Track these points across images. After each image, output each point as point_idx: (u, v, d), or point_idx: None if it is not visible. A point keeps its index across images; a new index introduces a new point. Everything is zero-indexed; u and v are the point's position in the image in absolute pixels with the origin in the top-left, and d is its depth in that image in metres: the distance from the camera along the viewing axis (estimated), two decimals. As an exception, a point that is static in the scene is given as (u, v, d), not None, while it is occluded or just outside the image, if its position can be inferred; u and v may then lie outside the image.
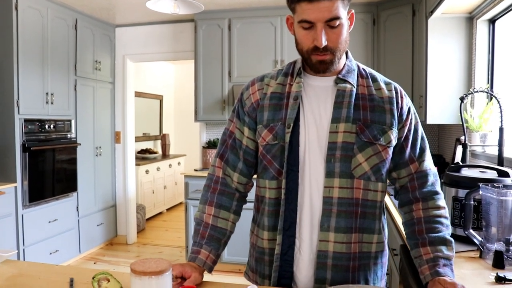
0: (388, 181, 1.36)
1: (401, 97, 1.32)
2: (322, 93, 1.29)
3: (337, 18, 1.17)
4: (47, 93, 4.06)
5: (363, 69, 1.35)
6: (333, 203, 1.23)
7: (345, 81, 1.28)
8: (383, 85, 1.32)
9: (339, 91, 1.27)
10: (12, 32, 3.64)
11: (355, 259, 1.26)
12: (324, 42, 1.19)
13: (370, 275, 1.30)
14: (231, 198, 1.38)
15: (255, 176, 1.42)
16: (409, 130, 1.32)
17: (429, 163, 1.35)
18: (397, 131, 1.29)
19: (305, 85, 1.31)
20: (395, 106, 1.29)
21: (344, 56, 1.31)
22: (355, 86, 1.28)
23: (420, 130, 1.36)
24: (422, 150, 1.35)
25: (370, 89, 1.30)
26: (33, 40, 3.88)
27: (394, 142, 1.29)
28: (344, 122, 1.24)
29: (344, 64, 1.32)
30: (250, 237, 1.42)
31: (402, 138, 1.31)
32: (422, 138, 1.36)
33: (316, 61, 1.24)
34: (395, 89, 1.33)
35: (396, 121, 1.29)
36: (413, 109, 1.35)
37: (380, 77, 1.35)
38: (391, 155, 1.30)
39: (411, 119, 1.33)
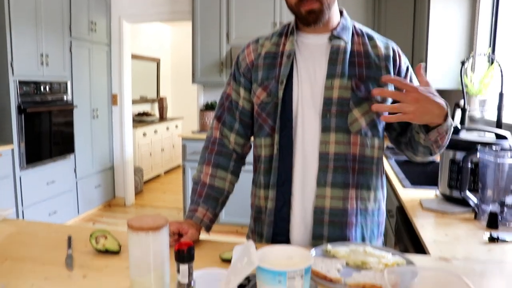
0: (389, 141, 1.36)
1: (399, 56, 1.31)
2: (316, 50, 1.28)
3: None
4: (41, 55, 4.00)
5: (359, 28, 1.33)
6: (329, 158, 1.24)
7: (339, 38, 1.27)
8: (379, 43, 1.30)
9: (334, 48, 1.26)
10: (4, -10, 3.55)
11: (351, 215, 1.27)
12: None
13: (366, 232, 1.31)
14: (228, 158, 1.39)
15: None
16: None
17: None
18: (393, 88, 1.27)
19: (299, 43, 1.30)
20: (392, 64, 1.28)
21: (338, 14, 1.31)
22: (349, 43, 1.27)
23: None
24: None
25: (366, 47, 1.28)
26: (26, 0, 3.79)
27: (390, 99, 1.27)
28: (339, 78, 1.23)
29: (339, 22, 1.30)
30: (251, 199, 1.43)
31: None
32: None
33: (305, 12, 1.21)
34: (392, 48, 1.31)
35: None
36: (410, 68, 1.34)
37: (377, 36, 1.34)
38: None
39: (410, 79, 1.32)
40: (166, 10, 4.94)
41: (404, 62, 1.32)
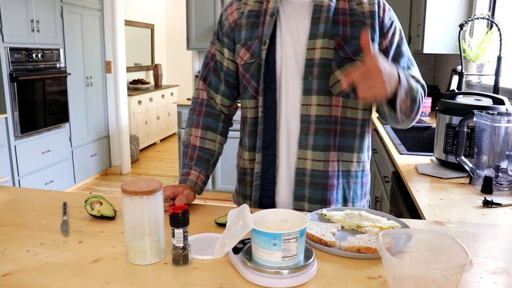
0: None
1: (384, 10, 1.25)
2: (299, 9, 1.24)
3: None
4: (32, 20, 3.91)
5: None
6: (310, 121, 1.22)
7: None
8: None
9: (316, 6, 1.22)
10: (-9, -47, 3.44)
11: (333, 177, 1.26)
12: None
13: (349, 193, 1.30)
14: (217, 119, 1.38)
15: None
16: (390, 44, 1.25)
17: (416, 77, 1.27)
18: (377, 46, 1.23)
19: (283, 1, 1.26)
20: (377, 20, 1.23)
21: None
22: (333, 1, 1.23)
23: (405, 47, 1.29)
24: (407, 67, 1.28)
25: (351, 4, 1.23)
26: (14, -38, 3.67)
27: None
28: (321, 38, 1.19)
29: None
30: (236, 159, 1.43)
31: (382, 52, 1.24)
32: (407, 55, 1.29)
33: None
34: (378, 2, 1.25)
35: (378, 35, 1.23)
36: (397, 25, 1.28)
37: None
38: None
39: (393, 34, 1.26)
40: (159, -26, 4.81)
41: (389, 17, 1.25)
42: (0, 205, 1.26)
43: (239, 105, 1.40)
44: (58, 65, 4.30)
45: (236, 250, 0.87)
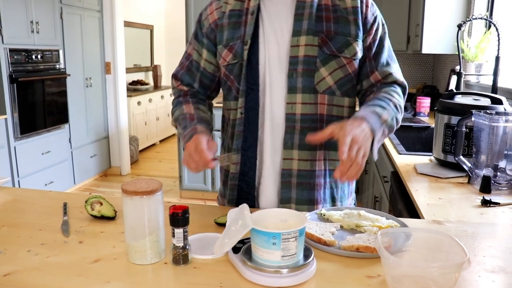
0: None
1: (366, 6, 1.22)
2: (282, 5, 1.21)
3: None
4: (31, 22, 3.91)
5: None
6: (296, 119, 1.20)
7: None
8: None
9: (299, 2, 1.19)
10: (-10, -46, 3.44)
11: (320, 176, 1.24)
12: None
13: (337, 192, 1.29)
14: (203, 100, 1.36)
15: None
16: (373, 40, 1.24)
17: (395, 75, 1.27)
18: (361, 42, 1.22)
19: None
20: (360, 16, 1.21)
21: None
22: None
23: (387, 42, 1.28)
24: (387, 63, 1.26)
25: (334, 0, 1.21)
26: (13, -37, 3.67)
27: (360, 55, 1.22)
28: (305, 35, 1.17)
29: None
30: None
31: (366, 48, 1.23)
32: (388, 51, 1.28)
33: None
34: None
35: (361, 31, 1.21)
36: (380, 20, 1.26)
37: None
38: (357, 69, 1.24)
39: (376, 29, 1.24)
40: (158, -25, 4.82)
41: (372, 12, 1.23)
42: (0, 206, 1.27)
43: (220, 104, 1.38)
44: (57, 66, 4.31)
45: (235, 250, 0.87)
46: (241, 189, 1.28)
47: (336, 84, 1.21)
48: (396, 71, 1.28)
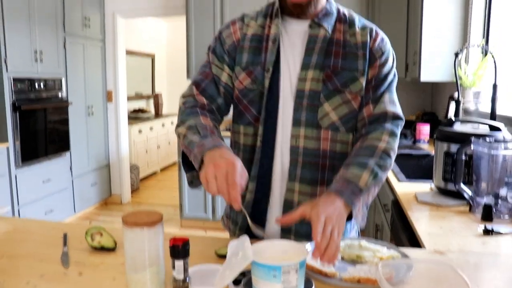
0: None
1: (374, 40, 1.21)
2: (297, 38, 1.22)
3: None
4: (35, 51, 3.97)
5: (343, 13, 1.25)
6: (299, 153, 1.20)
7: (320, 26, 1.20)
8: (358, 30, 1.22)
9: (311, 37, 1.20)
10: (-4, -13, 3.52)
11: None
12: None
13: None
14: (218, 122, 1.26)
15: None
16: (376, 73, 1.21)
17: (387, 105, 1.21)
18: (365, 78, 1.20)
19: (282, 27, 1.24)
20: (368, 50, 1.20)
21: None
22: (329, 32, 1.20)
23: (390, 82, 1.23)
24: (381, 94, 1.21)
25: (345, 35, 1.21)
26: (19, -5, 3.75)
27: (363, 92, 1.20)
28: (313, 69, 1.18)
29: (323, 7, 1.22)
30: None
31: (367, 83, 1.21)
32: (389, 87, 1.23)
33: (291, 4, 1.17)
34: (370, 32, 1.22)
35: (367, 65, 1.20)
36: (390, 58, 1.24)
37: (358, 21, 1.25)
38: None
39: (381, 65, 1.21)
40: (160, 5, 4.91)
41: (380, 47, 1.21)
42: (0, 236, 1.26)
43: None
44: (60, 94, 4.35)
45: (236, 282, 0.87)
46: (253, 216, 1.25)
47: (341, 120, 1.20)
48: (388, 101, 1.22)
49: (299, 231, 1.23)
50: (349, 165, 1.12)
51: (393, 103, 1.23)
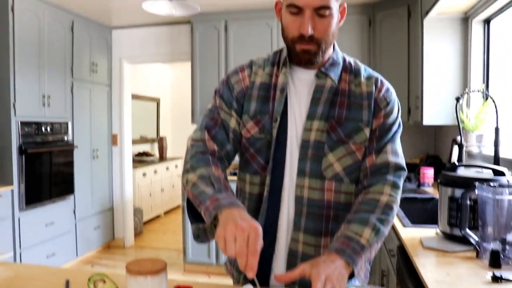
0: None
1: (379, 90, 1.23)
2: (304, 87, 1.23)
3: (327, 7, 1.11)
4: (43, 96, 4.05)
5: (349, 62, 1.27)
6: (303, 203, 1.19)
7: (326, 76, 1.22)
8: (363, 80, 1.24)
9: (318, 87, 1.21)
10: (9, 34, 3.64)
11: None
12: (310, 31, 1.12)
13: None
14: (225, 169, 1.24)
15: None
16: (381, 124, 1.22)
17: (390, 156, 1.21)
18: (369, 130, 1.21)
19: (289, 76, 1.25)
20: (372, 100, 1.21)
21: (330, 48, 1.24)
22: (336, 82, 1.22)
23: (395, 133, 1.24)
24: (385, 144, 1.22)
25: (351, 85, 1.22)
26: (30, 42, 3.87)
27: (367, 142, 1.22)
28: (318, 120, 1.19)
29: (329, 57, 1.24)
30: None
31: (371, 133, 1.22)
32: (392, 136, 1.24)
33: (300, 50, 1.17)
34: (375, 82, 1.24)
35: (372, 115, 1.21)
36: (395, 109, 1.25)
37: (364, 71, 1.26)
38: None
39: (386, 115, 1.23)
40: (166, 51, 5.05)
41: (384, 97, 1.23)
42: (1, 282, 1.25)
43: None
44: (66, 138, 4.40)
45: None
46: (258, 265, 1.25)
47: (345, 171, 1.20)
48: (391, 151, 1.22)
49: (303, 283, 1.19)
50: (350, 222, 1.11)
51: (395, 154, 1.23)
